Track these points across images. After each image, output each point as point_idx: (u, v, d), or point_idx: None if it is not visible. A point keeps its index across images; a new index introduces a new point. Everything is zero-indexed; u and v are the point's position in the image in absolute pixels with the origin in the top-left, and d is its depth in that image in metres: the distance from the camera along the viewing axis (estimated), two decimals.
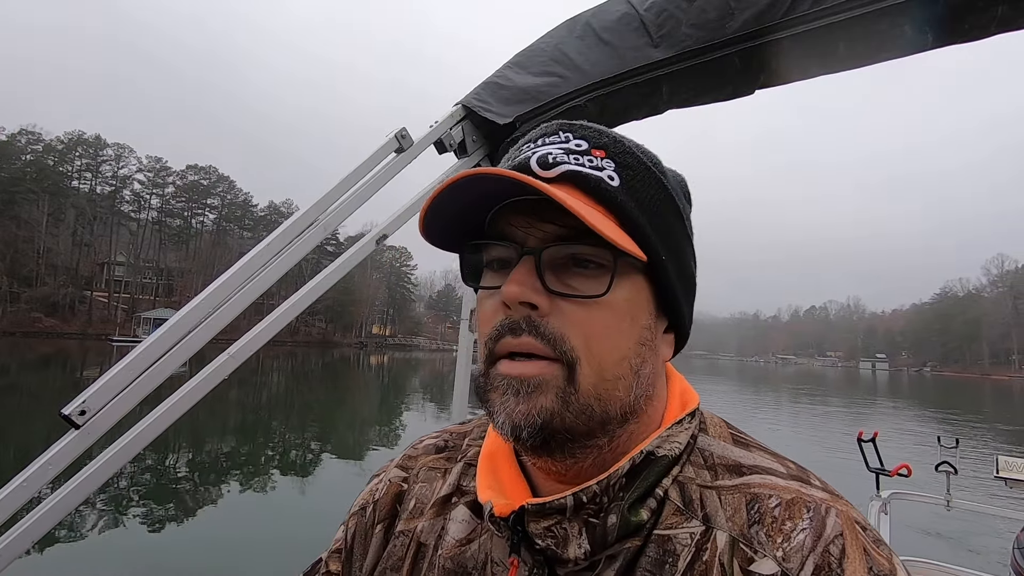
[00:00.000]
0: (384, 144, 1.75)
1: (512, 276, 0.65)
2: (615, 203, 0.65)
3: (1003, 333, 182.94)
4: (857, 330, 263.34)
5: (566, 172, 0.66)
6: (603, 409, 0.65)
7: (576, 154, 0.67)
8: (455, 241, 0.73)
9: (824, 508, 0.64)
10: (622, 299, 0.66)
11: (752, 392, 55.22)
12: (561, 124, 0.72)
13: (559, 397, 0.63)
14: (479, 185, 0.64)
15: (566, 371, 0.63)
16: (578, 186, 0.66)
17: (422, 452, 0.92)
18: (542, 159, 0.67)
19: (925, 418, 36.24)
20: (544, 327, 0.64)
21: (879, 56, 1.59)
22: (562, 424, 0.64)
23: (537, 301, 0.64)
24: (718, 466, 0.71)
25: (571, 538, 0.66)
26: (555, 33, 1.93)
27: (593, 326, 0.64)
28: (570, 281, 0.65)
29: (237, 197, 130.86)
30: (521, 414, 0.63)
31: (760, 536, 0.63)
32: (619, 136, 0.71)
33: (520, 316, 0.65)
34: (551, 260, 0.66)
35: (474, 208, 0.69)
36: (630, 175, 0.68)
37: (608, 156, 0.68)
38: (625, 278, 0.66)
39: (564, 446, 0.66)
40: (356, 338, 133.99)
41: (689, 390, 0.78)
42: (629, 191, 0.67)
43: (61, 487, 1.32)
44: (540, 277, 0.65)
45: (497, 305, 0.67)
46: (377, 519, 0.87)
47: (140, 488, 12.75)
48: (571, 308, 0.64)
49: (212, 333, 1.47)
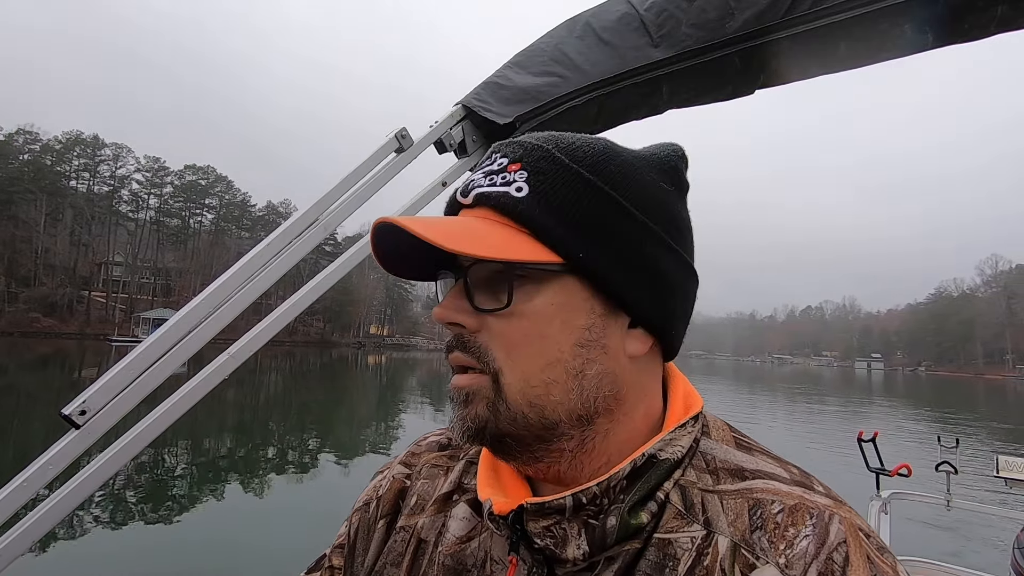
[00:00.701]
0: (384, 144, 1.75)
1: (443, 299, 0.71)
2: (517, 213, 0.67)
3: (997, 333, 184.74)
4: (853, 330, 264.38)
5: (476, 196, 0.70)
6: (539, 415, 0.67)
7: (493, 174, 0.71)
8: (424, 270, 0.77)
9: (827, 515, 0.64)
10: (544, 304, 0.67)
11: (748, 391, 55.23)
12: (498, 146, 0.74)
13: (488, 407, 0.68)
14: (392, 234, 0.67)
15: (492, 382, 0.68)
16: (489, 206, 0.69)
17: (425, 449, 0.94)
18: (464, 188, 0.72)
19: (921, 417, 36.46)
20: (471, 343, 0.69)
21: (879, 56, 1.59)
22: (497, 430, 0.68)
23: (461, 320, 0.69)
24: (720, 470, 0.70)
25: (570, 539, 0.66)
26: (555, 33, 1.92)
27: (511, 336, 0.67)
28: (498, 295, 0.68)
29: (235, 197, 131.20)
30: (460, 419, 0.69)
31: (762, 542, 0.63)
32: (542, 143, 0.72)
33: (453, 335, 0.71)
34: (482, 279, 0.69)
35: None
36: (540, 180, 0.68)
37: (522, 167, 0.70)
38: (545, 283, 0.67)
39: (516, 450, 0.70)
40: (354, 338, 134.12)
41: (693, 393, 0.77)
42: (537, 197, 0.68)
43: (61, 487, 1.32)
44: (469, 296, 0.69)
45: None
46: (380, 515, 0.88)
47: (138, 488, 12.74)
48: (494, 322, 0.68)
49: (212, 333, 1.47)
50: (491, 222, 0.68)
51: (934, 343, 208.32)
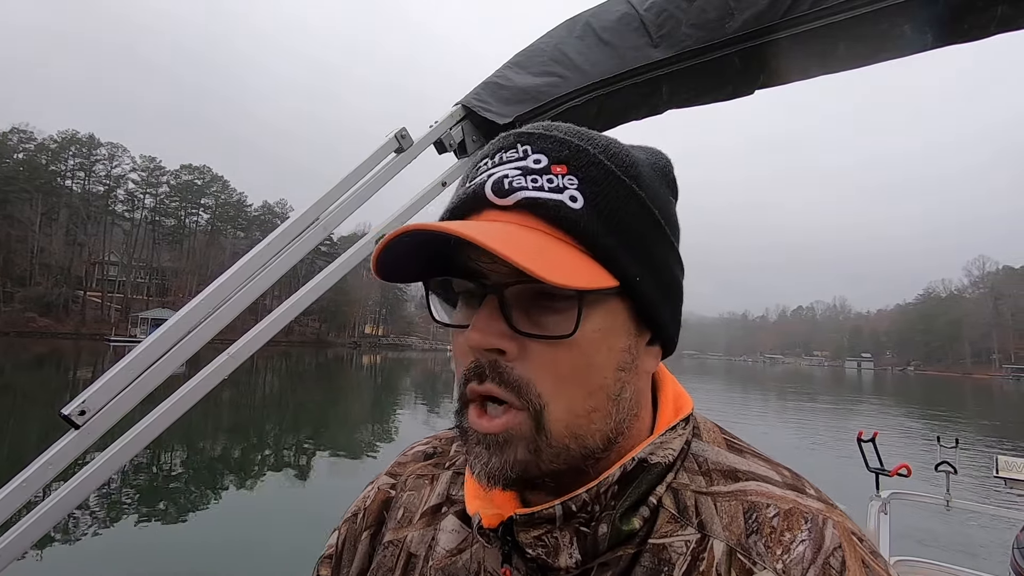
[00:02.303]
0: (384, 144, 1.75)
1: (476, 320, 0.62)
2: (578, 229, 0.61)
3: (984, 333, 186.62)
4: (843, 330, 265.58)
5: (523, 200, 0.61)
6: (581, 445, 0.64)
7: (535, 174, 0.63)
8: (412, 272, 0.68)
9: (821, 519, 0.63)
10: (593, 331, 0.62)
11: (741, 391, 55.31)
12: (519, 135, 0.67)
13: (529, 449, 0.62)
14: (419, 237, 0.60)
15: (532, 420, 0.61)
16: (537, 214, 0.61)
17: (411, 459, 0.92)
18: (497, 185, 0.63)
19: (911, 416, 36.82)
20: (509, 373, 0.61)
21: (879, 56, 1.60)
22: (538, 471, 0.63)
23: (503, 346, 0.61)
24: (713, 472, 0.70)
25: (562, 547, 0.65)
26: (555, 33, 1.93)
27: (561, 367, 0.61)
28: (539, 317, 0.62)
29: (231, 197, 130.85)
30: (496, 467, 0.62)
31: (759, 547, 0.62)
32: (583, 143, 0.65)
33: (486, 361, 0.62)
34: (517, 296, 0.62)
35: (434, 239, 0.62)
36: (595, 191, 0.62)
37: (570, 171, 0.63)
38: (596, 307, 0.62)
39: (547, 485, 0.66)
40: (350, 338, 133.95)
41: (683, 395, 0.76)
42: (595, 211, 0.62)
43: (61, 487, 1.31)
44: (506, 318, 0.61)
45: (466, 346, 0.64)
46: (365, 526, 0.86)
47: (135, 488, 12.71)
48: (539, 349, 0.61)
49: (212, 333, 1.47)
50: (547, 236, 0.61)
51: (923, 343, 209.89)
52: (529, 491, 0.70)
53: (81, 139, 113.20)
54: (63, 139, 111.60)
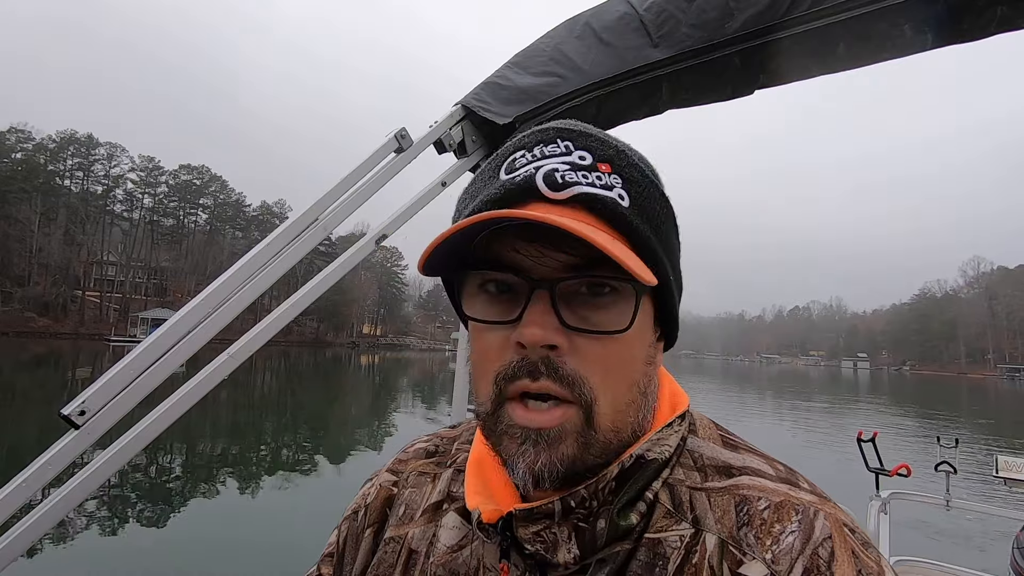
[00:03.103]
0: (384, 144, 1.75)
1: (529, 315, 0.61)
2: (631, 227, 0.62)
3: (979, 333, 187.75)
4: (839, 330, 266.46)
5: (579, 195, 0.62)
6: (619, 438, 0.65)
7: (583, 170, 0.63)
8: (442, 265, 0.67)
9: (813, 511, 0.64)
10: (636, 327, 0.63)
11: (738, 391, 55.36)
12: (559, 130, 0.67)
13: (579, 442, 0.62)
14: (494, 223, 0.60)
15: (583, 414, 0.61)
16: (592, 210, 0.62)
17: (412, 456, 0.92)
18: (549, 178, 0.62)
19: (908, 415, 37.00)
20: (563, 369, 0.61)
21: (879, 56, 1.60)
22: (583, 465, 0.63)
23: (558, 342, 0.61)
24: (708, 467, 0.70)
25: (560, 543, 0.65)
26: (555, 33, 1.93)
27: (610, 361, 0.63)
28: (586, 313, 0.62)
29: (230, 197, 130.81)
30: (544, 465, 0.61)
31: (749, 538, 0.63)
32: (620, 145, 0.67)
33: (538, 357, 0.61)
34: (564, 292, 0.62)
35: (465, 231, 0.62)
36: (638, 192, 0.64)
37: (614, 171, 0.64)
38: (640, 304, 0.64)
39: (579, 480, 0.65)
40: (348, 338, 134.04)
41: (679, 392, 0.77)
42: (639, 211, 0.64)
43: (61, 487, 1.31)
44: (557, 313, 0.61)
45: (504, 341, 0.63)
46: (367, 523, 0.87)
47: (133, 488, 12.70)
48: (588, 344, 0.62)
49: (212, 333, 1.47)
50: (600, 230, 0.61)
51: (918, 343, 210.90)
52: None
53: (80, 139, 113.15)
54: (62, 139, 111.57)
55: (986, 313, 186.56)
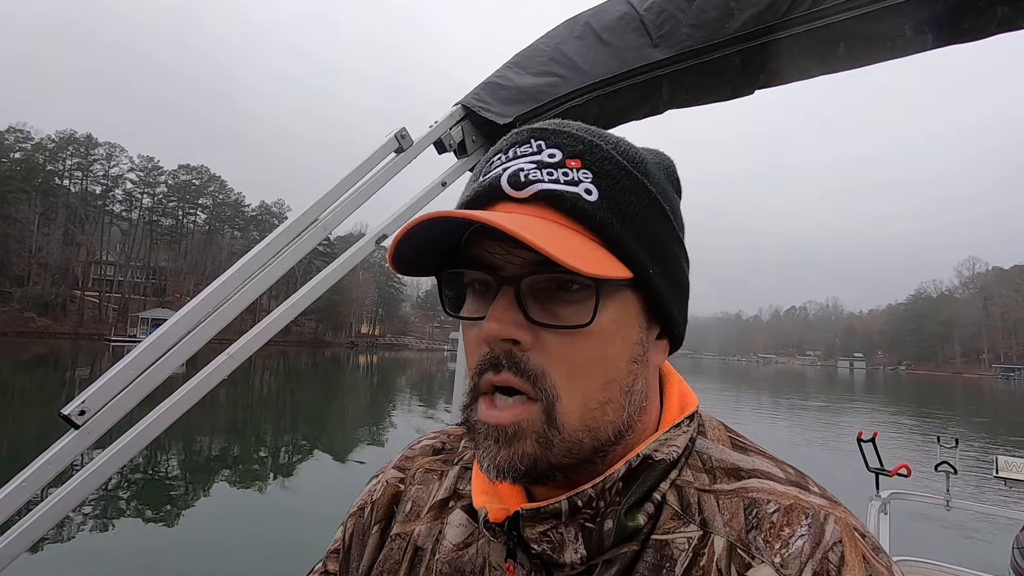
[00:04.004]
0: (384, 144, 1.75)
1: (492, 310, 0.62)
2: (594, 220, 0.62)
3: (974, 333, 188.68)
4: (836, 330, 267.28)
5: (540, 192, 0.62)
6: (594, 438, 0.63)
7: (550, 167, 0.64)
8: (427, 266, 0.69)
9: (823, 515, 0.63)
10: (608, 321, 0.63)
11: (735, 390, 55.37)
12: (532, 131, 0.68)
13: (538, 442, 0.62)
14: (443, 224, 0.61)
15: (544, 413, 0.61)
16: (554, 206, 0.62)
17: (419, 453, 0.92)
18: (513, 177, 0.64)
19: (905, 414, 37.10)
20: (525, 363, 0.62)
21: (879, 56, 1.60)
22: (548, 465, 0.63)
23: (518, 336, 0.62)
24: (716, 470, 0.70)
25: (567, 543, 0.65)
26: (555, 33, 1.93)
27: (576, 357, 0.62)
28: (555, 308, 0.63)
29: (229, 197, 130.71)
30: (504, 460, 0.62)
31: (758, 542, 0.62)
32: (596, 139, 0.67)
33: (501, 351, 0.63)
34: (532, 287, 0.63)
35: (446, 232, 0.65)
36: (609, 185, 0.64)
37: (584, 166, 0.64)
38: (611, 298, 0.63)
39: (555, 477, 0.65)
40: (347, 338, 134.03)
41: (688, 392, 0.76)
42: (609, 204, 0.63)
43: (61, 487, 1.31)
44: (522, 308, 0.62)
45: (479, 337, 0.64)
46: (374, 520, 0.87)
47: (131, 488, 12.69)
48: (554, 340, 0.62)
49: (212, 333, 1.47)
50: (563, 227, 0.62)
51: (914, 343, 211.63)
52: (538, 486, 0.70)
53: (79, 139, 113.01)
54: (61, 138, 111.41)
55: (981, 313, 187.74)
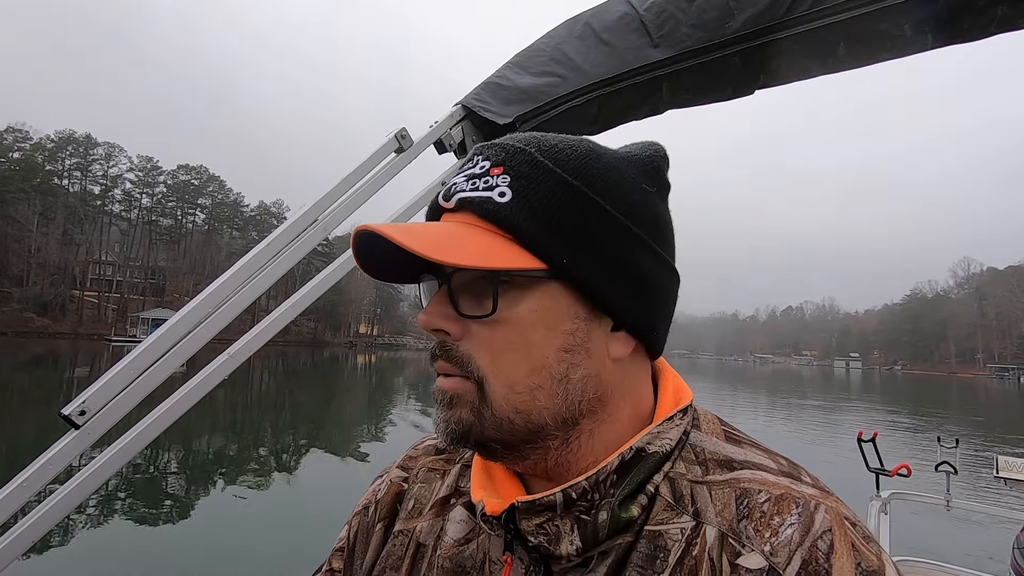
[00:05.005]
0: (384, 144, 1.75)
1: (426, 306, 0.70)
2: (501, 219, 0.67)
3: (969, 333, 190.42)
4: (832, 330, 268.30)
5: (459, 200, 0.69)
6: (525, 419, 0.67)
7: (475, 178, 0.70)
8: (407, 275, 0.78)
9: (813, 504, 0.65)
10: (527, 311, 0.67)
11: (731, 390, 55.41)
12: (480, 148, 0.74)
13: (473, 411, 0.68)
14: (373, 237, 0.67)
15: (477, 388, 0.67)
16: (472, 211, 0.68)
17: (422, 453, 0.94)
18: (447, 192, 0.72)
19: (901, 414, 37.26)
20: (454, 351, 0.68)
21: (879, 56, 1.60)
22: (482, 435, 0.68)
23: (446, 327, 0.68)
24: (709, 461, 0.71)
25: (563, 535, 0.67)
26: (555, 33, 1.92)
27: (496, 343, 0.67)
28: (482, 302, 0.67)
29: (228, 197, 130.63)
30: (444, 421, 0.69)
31: (748, 531, 0.64)
32: (525, 146, 0.71)
33: (437, 342, 0.70)
34: (466, 284, 0.68)
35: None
36: (523, 185, 0.68)
37: (505, 171, 0.69)
38: (529, 290, 0.67)
39: (502, 452, 0.70)
40: (346, 337, 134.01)
41: (683, 387, 0.78)
42: (521, 202, 0.67)
43: (61, 487, 1.31)
44: (453, 303, 0.68)
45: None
46: (378, 518, 0.88)
47: (130, 488, 12.68)
48: (478, 329, 0.68)
49: (212, 333, 1.47)
50: (474, 228, 0.68)
51: (909, 343, 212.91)
52: (500, 461, 0.74)
53: (78, 138, 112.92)
54: (60, 138, 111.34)
55: (976, 313, 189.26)
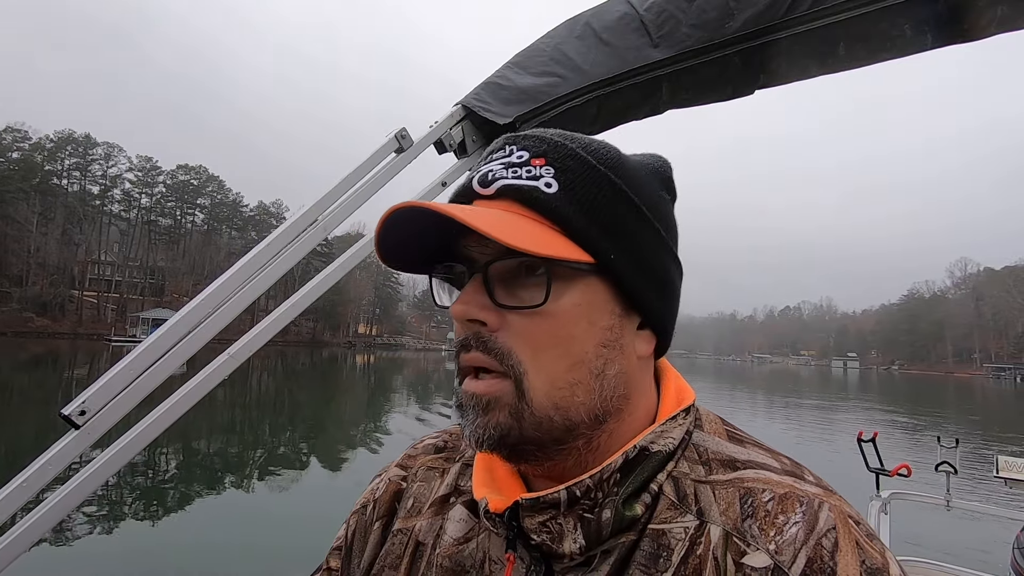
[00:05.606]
0: (384, 144, 1.75)
1: (460, 295, 0.68)
2: (550, 209, 0.66)
3: (966, 333, 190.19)
4: (829, 330, 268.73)
5: (502, 188, 0.68)
6: (564, 417, 0.66)
7: (516, 167, 0.69)
8: (418, 264, 0.76)
9: (817, 503, 0.65)
10: (572, 304, 0.66)
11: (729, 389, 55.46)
12: (508, 137, 0.73)
13: (511, 414, 0.65)
14: (408, 214, 0.65)
15: (515, 387, 0.65)
16: (516, 199, 0.67)
17: (421, 452, 0.94)
18: (482, 178, 0.70)
19: (899, 413, 37.36)
20: (492, 342, 0.66)
21: (879, 56, 1.60)
22: (520, 437, 0.66)
23: (484, 317, 0.66)
24: (712, 461, 0.71)
25: (566, 533, 0.67)
26: (555, 33, 1.92)
27: (539, 336, 0.66)
28: (519, 292, 0.67)
29: (227, 197, 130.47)
30: (480, 428, 0.66)
31: (753, 530, 0.64)
32: (564, 140, 0.71)
33: (470, 332, 0.67)
34: (500, 273, 0.67)
35: (432, 232, 0.70)
36: (569, 178, 0.68)
37: (548, 163, 0.69)
38: (573, 282, 0.67)
39: (533, 453, 0.68)
40: (345, 337, 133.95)
41: (685, 387, 0.79)
42: (567, 195, 0.67)
43: (61, 487, 1.31)
44: (489, 292, 0.66)
45: (459, 324, 0.69)
46: (376, 516, 0.89)
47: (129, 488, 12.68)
48: (518, 320, 0.66)
49: (212, 333, 1.46)
50: (522, 217, 0.66)
51: (907, 343, 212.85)
52: (521, 463, 0.74)
53: (77, 138, 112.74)
54: (59, 138, 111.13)
55: (973, 313, 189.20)
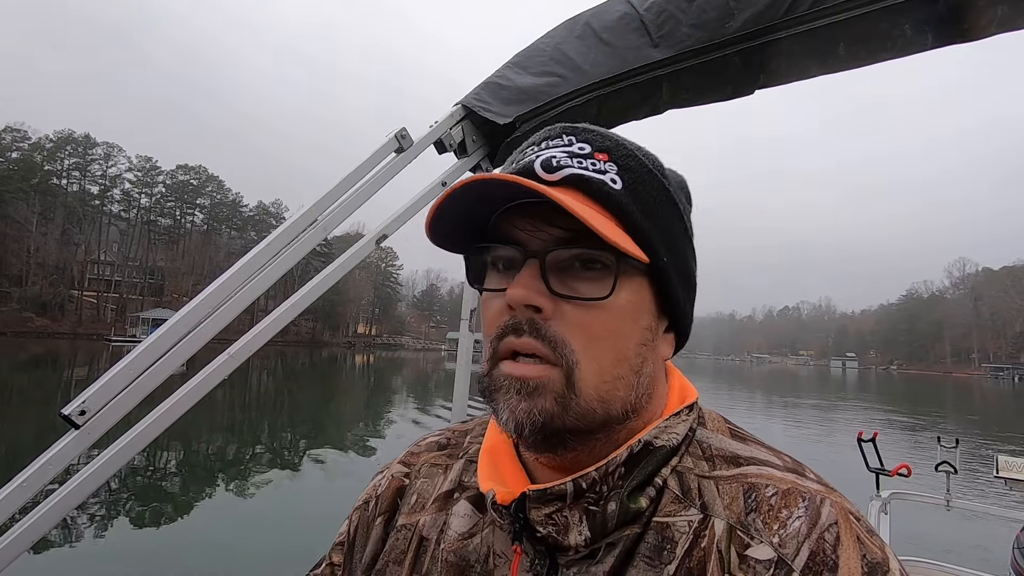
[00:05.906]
0: (384, 144, 1.75)
1: (517, 279, 0.66)
2: (618, 206, 0.67)
3: (964, 333, 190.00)
4: (828, 330, 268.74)
5: (569, 176, 0.67)
6: (605, 409, 0.67)
7: (580, 157, 0.69)
8: (458, 243, 0.74)
9: (819, 498, 0.66)
10: (624, 301, 0.67)
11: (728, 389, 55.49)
12: (564, 127, 0.73)
13: (558, 401, 0.65)
14: (483, 189, 0.66)
15: (564, 376, 0.65)
16: (581, 189, 0.67)
17: (424, 449, 0.95)
18: (546, 163, 0.69)
19: (899, 412, 37.42)
20: (546, 330, 0.66)
21: (879, 56, 1.60)
22: (563, 425, 0.66)
23: (541, 304, 0.65)
24: (716, 457, 0.73)
25: (572, 525, 0.67)
26: (555, 33, 1.92)
27: (594, 328, 0.66)
28: (574, 284, 0.67)
29: (227, 197, 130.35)
30: (524, 412, 0.65)
31: (757, 523, 0.65)
32: (621, 139, 0.72)
33: (524, 318, 0.66)
34: (555, 263, 0.67)
35: (477, 211, 0.71)
36: (632, 178, 0.69)
37: (611, 159, 0.69)
38: (627, 280, 0.68)
39: (565, 443, 0.68)
40: (344, 337, 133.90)
41: (688, 386, 0.80)
42: (632, 194, 0.68)
43: (61, 487, 1.31)
44: (545, 280, 0.66)
45: (502, 306, 0.68)
46: (378, 512, 0.89)
47: (129, 488, 12.67)
48: (573, 311, 0.66)
49: (212, 333, 1.46)
50: (590, 208, 0.66)
51: (905, 343, 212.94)
52: (546, 454, 0.73)
53: (77, 138, 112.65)
54: (59, 138, 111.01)
55: (971, 313, 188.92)
